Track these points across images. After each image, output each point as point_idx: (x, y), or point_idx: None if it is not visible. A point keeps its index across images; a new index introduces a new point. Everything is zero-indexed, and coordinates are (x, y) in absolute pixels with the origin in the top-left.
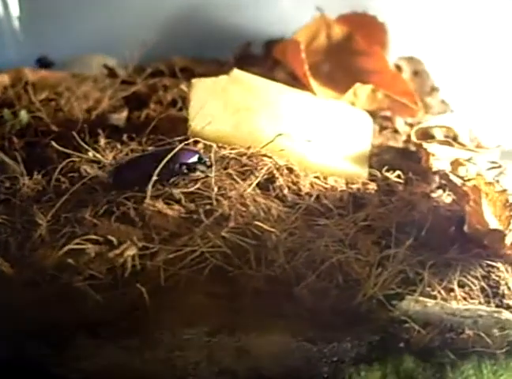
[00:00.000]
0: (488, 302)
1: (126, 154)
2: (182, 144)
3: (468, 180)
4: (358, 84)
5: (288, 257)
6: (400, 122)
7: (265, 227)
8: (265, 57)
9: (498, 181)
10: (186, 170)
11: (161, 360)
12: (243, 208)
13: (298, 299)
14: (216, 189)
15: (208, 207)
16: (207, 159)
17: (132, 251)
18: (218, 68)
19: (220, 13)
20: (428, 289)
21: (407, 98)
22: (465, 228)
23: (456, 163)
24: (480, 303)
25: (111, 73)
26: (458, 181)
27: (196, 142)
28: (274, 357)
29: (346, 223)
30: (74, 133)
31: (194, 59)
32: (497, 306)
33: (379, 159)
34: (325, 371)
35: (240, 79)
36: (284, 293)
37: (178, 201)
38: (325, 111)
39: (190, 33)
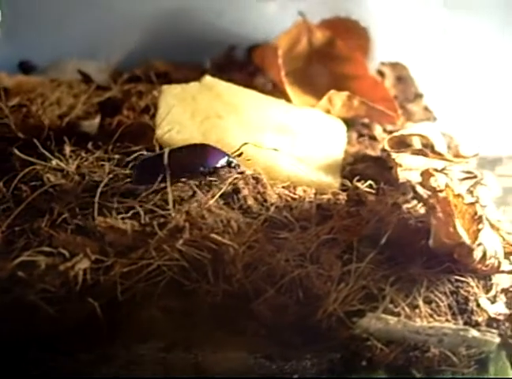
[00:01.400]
0: (456, 319)
1: (92, 162)
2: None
3: (437, 191)
4: (332, 91)
5: (247, 271)
6: (378, 130)
7: (221, 239)
8: (247, 62)
9: (472, 192)
10: (212, 172)
11: (117, 375)
12: (201, 220)
13: (256, 315)
14: (171, 201)
15: (162, 219)
16: (236, 162)
17: (84, 264)
18: (200, 73)
19: (204, 18)
20: (391, 306)
21: (386, 104)
22: (430, 242)
23: (426, 174)
24: (447, 320)
25: (86, 79)
26: (424, 193)
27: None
28: (232, 374)
29: (308, 236)
30: (36, 141)
31: (176, 64)
32: (465, 323)
33: (352, 168)
34: None
35: (211, 86)
36: (241, 308)
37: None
38: (297, 119)
39: (174, 37)
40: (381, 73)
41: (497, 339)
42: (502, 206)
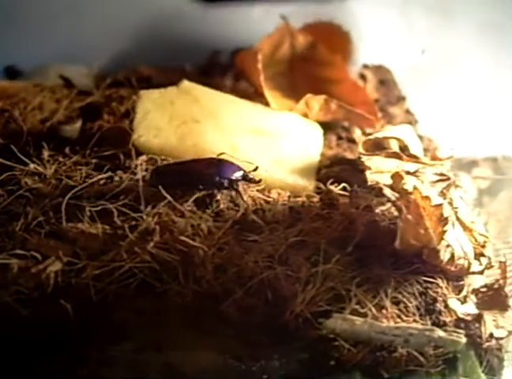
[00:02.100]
0: (424, 320)
1: (69, 167)
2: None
3: (405, 193)
4: (309, 95)
5: (216, 273)
6: (358, 133)
7: (191, 242)
8: (231, 67)
9: (444, 194)
10: (227, 185)
11: (90, 376)
12: (171, 223)
13: (224, 316)
14: (143, 205)
15: (134, 222)
16: (252, 177)
17: (56, 267)
18: (183, 77)
19: (190, 22)
20: (358, 306)
21: (366, 108)
22: (396, 244)
23: (396, 176)
24: (415, 321)
25: (68, 84)
26: (392, 195)
27: (139, 154)
28: (203, 374)
29: (277, 239)
30: (13, 146)
31: (160, 68)
32: (433, 324)
33: (328, 171)
34: None
35: (189, 91)
36: (211, 309)
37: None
38: (274, 123)
39: (159, 42)
40: (363, 77)
41: (463, 339)
42: (477, 208)
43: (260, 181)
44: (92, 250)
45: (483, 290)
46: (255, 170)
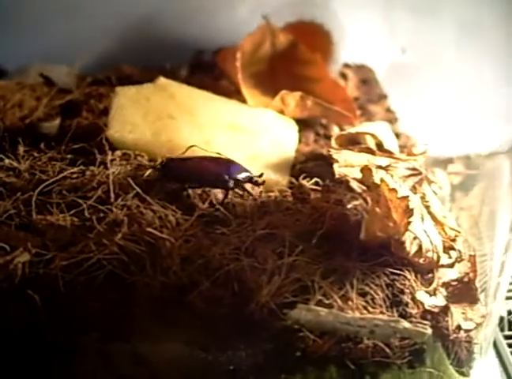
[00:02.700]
0: (391, 311)
1: (44, 162)
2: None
3: (373, 187)
4: (284, 92)
5: (183, 264)
6: (336, 130)
7: (158, 233)
8: (214, 66)
9: (415, 188)
10: (232, 185)
11: (60, 365)
12: (139, 215)
13: (191, 307)
14: (113, 197)
15: (102, 215)
16: (258, 179)
17: (24, 258)
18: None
19: (175, 21)
20: (324, 298)
21: (345, 105)
22: (362, 236)
23: (366, 170)
24: (381, 312)
25: (48, 82)
26: (359, 188)
27: (114, 149)
28: (171, 365)
29: (245, 231)
30: None
31: (144, 68)
32: (400, 315)
33: (302, 166)
34: None
35: (165, 87)
36: (178, 300)
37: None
38: (249, 119)
39: (145, 42)
40: (343, 75)
41: (429, 331)
42: (450, 203)
43: (264, 183)
44: (60, 242)
45: (454, 283)
46: (261, 175)
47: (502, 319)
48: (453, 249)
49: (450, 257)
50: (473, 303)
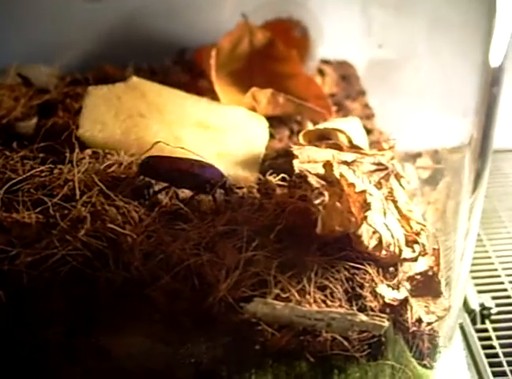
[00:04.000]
0: (350, 305)
1: (17, 161)
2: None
3: (332, 181)
4: (254, 89)
5: (144, 259)
6: (310, 127)
7: (119, 229)
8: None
9: (380, 183)
10: (208, 189)
11: (26, 360)
12: (103, 212)
13: (152, 301)
14: (78, 194)
15: (66, 212)
16: (232, 186)
17: None
18: (149, 75)
19: (157, 21)
20: (282, 292)
21: (319, 102)
22: (317, 229)
23: (327, 166)
24: (340, 306)
25: (26, 82)
26: (317, 183)
27: (85, 148)
28: (134, 358)
29: (206, 227)
30: None
31: (127, 67)
32: (359, 309)
33: (272, 163)
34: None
35: (137, 86)
36: (139, 295)
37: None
38: (219, 116)
39: (129, 41)
40: (320, 72)
41: (386, 323)
42: (418, 197)
43: (242, 187)
44: (26, 239)
45: (418, 277)
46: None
47: (474, 312)
48: (416, 242)
49: (414, 251)
50: (436, 296)
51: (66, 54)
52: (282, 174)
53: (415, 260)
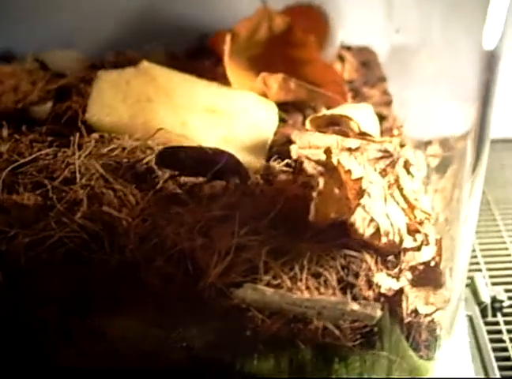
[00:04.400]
0: (344, 294)
1: (26, 145)
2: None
3: (330, 168)
4: (264, 74)
5: (139, 242)
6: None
7: (114, 212)
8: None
9: (385, 170)
10: (224, 176)
11: (22, 340)
12: (100, 195)
13: (144, 284)
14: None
15: (64, 194)
16: (245, 170)
17: None
18: (170, 61)
19: (178, 6)
20: (273, 278)
21: (335, 88)
22: (310, 217)
23: (327, 152)
24: (333, 294)
25: (43, 67)
26: (313, 169)
27: (91, 131)
28: (127, 340)
29: (201, 212)
30: None
31: (148, 52)
32: (353, 298)
33: (280, 149)
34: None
35: (147, 71)
36: (133, 278)
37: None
38: (229, 101)
39: (150, 27)
40: (341, 58)
41: (378, 314)
42: (427, 185)
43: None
44: (24, 220)
45: (420, 266)
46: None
47: (484, 305)
48: (418, 232)
49: (416, 240)
50: (437, 287)
51: (87, 39)
52: (287, 160)
53: (417, 249)
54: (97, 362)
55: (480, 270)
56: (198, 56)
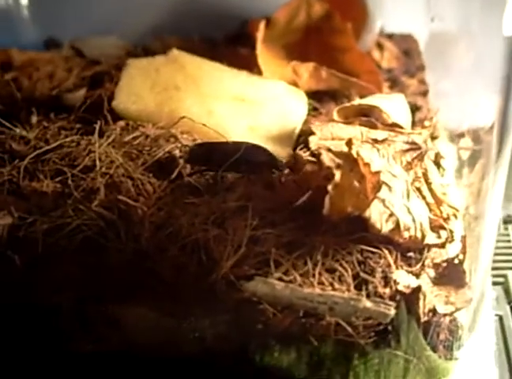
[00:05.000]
0: (360, 290)
1: (54, 132)
2: None
3: (350, 160)
4: (295, 62)
5: (154, 231)
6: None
7: (130, 201)
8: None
9: (411, 163)
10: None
11: (38, 326)
12: (119, 184)
13: (158, 273)
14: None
15: (82, 182)
16: (280, 163)
17: (6, 220)
18: (211, 47)
19: None
20: (286, 272)
21: (370, 77)
22: (324, 210)
23: (349, 143)
24: (348, 290)
25: (79, 54)
26: (330, 162)
27: (118, 119)
28: (140, 329)
29: (216, 202)
30: (5, 112)
31: (189, 39)
32: (368, 295)
33: (306, 138)
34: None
35: (176, 59)
36: (147, 266)
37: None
38: (257, 90)
39: (193, 13)
40: (379, 45)
41: (392, 312)
42: (458, 179)
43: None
44: (43, 208)
45: (444, 264)
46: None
47: None
48: (443, 228)
49: (440, 237)
50: (460, 287)
51: (130, 26)
52: (311, 150)
53: (441, 246)
54: (111, 348)
55: None
56: (237, 42)
